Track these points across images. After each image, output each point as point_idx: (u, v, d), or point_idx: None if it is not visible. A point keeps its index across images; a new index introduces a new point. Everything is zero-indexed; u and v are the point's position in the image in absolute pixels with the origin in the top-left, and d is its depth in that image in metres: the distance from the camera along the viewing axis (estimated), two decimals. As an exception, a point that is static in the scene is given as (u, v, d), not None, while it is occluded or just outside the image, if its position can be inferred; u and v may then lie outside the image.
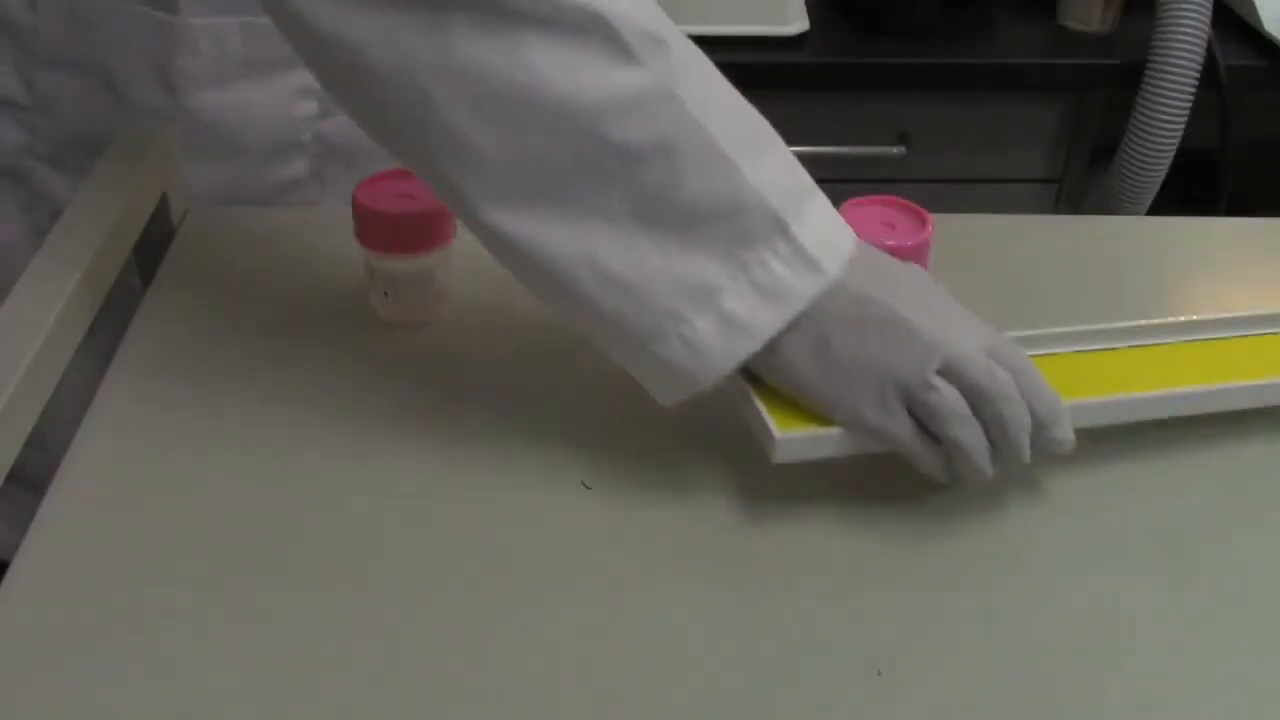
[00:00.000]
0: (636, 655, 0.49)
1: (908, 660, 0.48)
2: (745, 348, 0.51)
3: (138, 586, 0.50)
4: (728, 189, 0.50)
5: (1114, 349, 0.61)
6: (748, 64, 1.21)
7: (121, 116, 0.72)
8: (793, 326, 0.51)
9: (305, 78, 0.75)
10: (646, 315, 0.51)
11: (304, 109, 0.76)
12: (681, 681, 0.47)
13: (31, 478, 0.57)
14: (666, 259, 0.50)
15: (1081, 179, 1.34)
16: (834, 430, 0.53)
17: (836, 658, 0.49)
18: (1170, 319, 0.62)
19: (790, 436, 0.52)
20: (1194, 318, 0.62)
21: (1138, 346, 0.61)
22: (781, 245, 0.50)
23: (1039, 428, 0.52)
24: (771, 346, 0.51)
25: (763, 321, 0.50)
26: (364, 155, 0.79)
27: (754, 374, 0.54)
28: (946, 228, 0.65)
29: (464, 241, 0.66)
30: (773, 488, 0.56)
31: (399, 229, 0.62)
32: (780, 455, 0.53)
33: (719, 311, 0.50)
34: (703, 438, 0.59)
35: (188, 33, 0.70)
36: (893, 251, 0.63)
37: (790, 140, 0.54)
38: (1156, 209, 1.27)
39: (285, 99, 0.75)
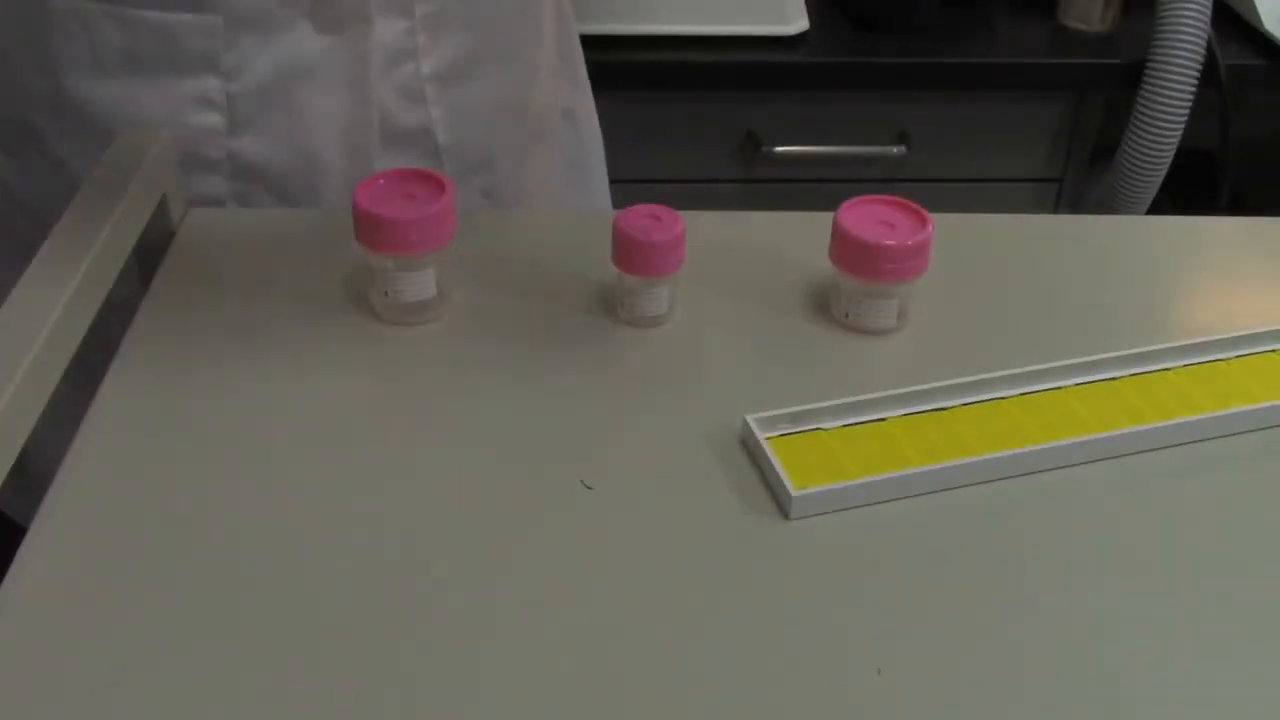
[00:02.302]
0: (636, 654, 0.49)
1: (908, 660, 0.48)
2: None
3: (136, 587, 0.50)
4: None
5: (1115, 379, 0.62)
6: (748, 64, 1.21)
7: (18, 101, 0.71)
8: None
9: (206, 86, 0.72)
10: None
11: (206, 120, 0.73)
12: (681, 681, 0.47)
13: (33, 476, 0.57)
14: None
15: (1081, 179, 1.35)
16: (850, 483, 0.55)
17: (836, 657, 0.49)
18: (1168, 344, 0.63)
19: (807, 494, 0.54)
20: (1191, 341, 0.63)
21: (1139, 374, 0.62)
22: None
23: None
24: None
25: None
26: (296, 186, 0.76)
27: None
28: (946, 228, 0.65)
29: (464, 242, 0.66)
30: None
31: (399, 229, 0.62)
32: (797, 511, 0.54)
33: None
34: (703, 438, 0.59)
35: (55, 14, 0.69)
36: (893, 251, 0.63)
37: (790, 140, 0.54)
38: (1156, 209, 1.27)
39: (180, 106, 0.72)
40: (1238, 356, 0.64)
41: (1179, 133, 1.20)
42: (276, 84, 0.73)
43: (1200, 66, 1.18)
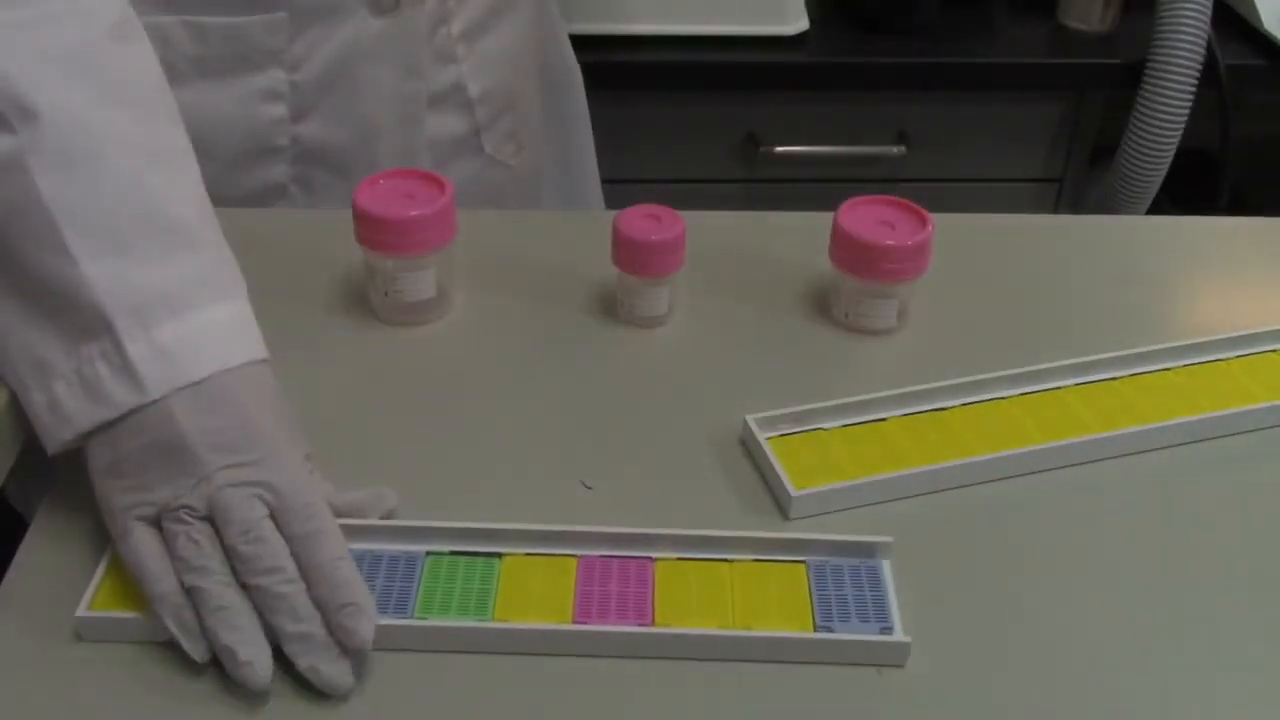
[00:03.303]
0: (635, 657, 0.49)
1: (909, 660, 0.48)
2: (63, 432, 0.50)
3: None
4: (62, 277, 0.49)
5: (1115, 379, 0.62)
6: (748, 64, 1.21)
7: None
8: (106, 428, 0.49)
9: (271, 79, 0.74)
10: (8, 368, 0.51)
11: (272, 112, 0.75)
12: (681, 680, 0.47)
13: (34, 478, 0.57)
14: (21, 322, 0.50)
15: (1081, 179, 1.35)
16: (850, 483, 0.55)
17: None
18: (1168, 344, 0.63)
19: (807, 494, 0.54)
20: (1191, 341, 0.63)
21: (1139, 374, 0.62)
22: (110, 350, 0.49)
23: (327, 611, 0.47)
24: (91, 439, 0.50)
25: (79, 415, 0.49)
26: (353, 161, 0.78)
27: None
28: (946, 228, 0.65)
29: (464, 242, 0.66)
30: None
31: (399, 229, 0.62)
32: (797, 511, 0.54)
33: (49, 392, 0.50)
34: (703, 438, 0.59)
35: None
36: (893, 251, 0.63)
37: (790, 140, 0.54)
38: (1156, 209, 1.27)
39: (250, 101, 0.75)
40: (1238, 356, 0.64)
41: (1179, 133, 1.20)
42: (337, 69, 0.75)
43: (1200, 66, 1.18)
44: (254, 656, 0.46)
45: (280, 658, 0.46)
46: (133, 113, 0.53)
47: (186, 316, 0.50)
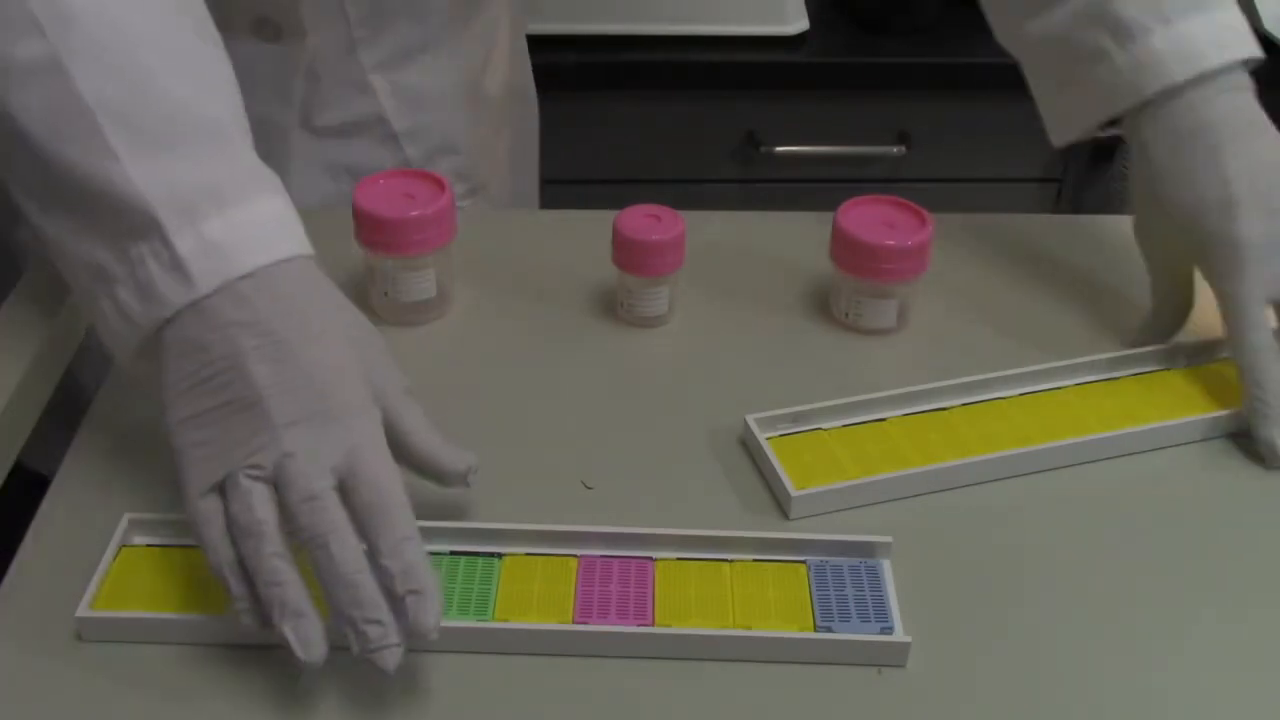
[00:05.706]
0: (635, 657, 0.49)
1: (909, 660, 0.48)
2: (133, 336, 0.50)
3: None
4: (106, 177, 0.49)
5: (1115, 379, 0.62)
6: (748, 64, 1.22)
7: None
8: (170, 325, 0.49)
9: None
10: (75, 282, 0.52)
11: None
12: (681, 680, 0.47)
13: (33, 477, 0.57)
14: (72, 232, 0.50)
15: (1081, 179, 1.35)
16: (850, 483, 0.55)
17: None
18: (1168, 344, 0.63)
19: (807, 494, 0.54)
20: (1191, 341, 0.64)
21: (1139, 374, 0.62)
22: (159, 247, 0.48)
23: (390, 593, 0.45)
24: (158, 344, 0.49)
25: (141, 317, 0.49)
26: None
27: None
28: (946, 228, 0.65)
29: (464, 241, 0.66)
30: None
31: (399, 229, 0.62)
32: (797, 511, 0.54)
33: (115, 298, 0.50)
34: (703, 438, 0.59)
35: None
36: (893, 251, 0.63)
37: (790, 140, 0.54)
38: (1156, 209, 1.27)
39: None
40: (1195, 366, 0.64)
41: (1179, 132, 1.20)
42: None
43: (1200, 66, 1.18)
44: (309, 638, 0.44)
45: (274, 649, 0.47)
46: (164, 17, 0.52)
47: (233, 212, 0.49)
